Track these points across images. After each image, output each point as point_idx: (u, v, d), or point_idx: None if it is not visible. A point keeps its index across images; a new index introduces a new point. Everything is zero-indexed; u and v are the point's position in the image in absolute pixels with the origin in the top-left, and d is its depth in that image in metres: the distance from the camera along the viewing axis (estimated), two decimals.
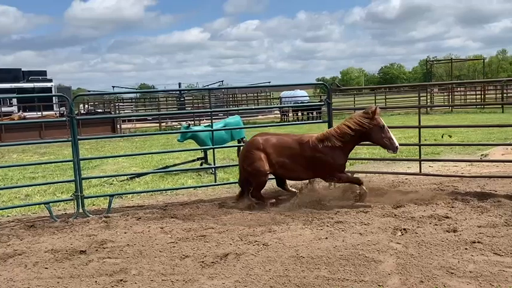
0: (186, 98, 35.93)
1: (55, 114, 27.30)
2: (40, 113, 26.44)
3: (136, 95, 47.99)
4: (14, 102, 30.95)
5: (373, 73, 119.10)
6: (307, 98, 34.12)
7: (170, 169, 9.89)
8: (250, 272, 4.28)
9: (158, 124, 26.92)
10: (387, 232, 5.25)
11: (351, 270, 4.21)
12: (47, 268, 4.66)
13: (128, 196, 7.94)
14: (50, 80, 34.63)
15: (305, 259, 4.51)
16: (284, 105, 30.22)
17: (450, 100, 32.32)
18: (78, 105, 31.81)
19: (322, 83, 8.97)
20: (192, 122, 19.52)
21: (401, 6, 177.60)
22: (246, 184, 6.87)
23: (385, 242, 4.89)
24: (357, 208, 6.27)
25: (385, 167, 9.44)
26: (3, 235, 5.85)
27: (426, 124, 13.83)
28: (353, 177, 6.86)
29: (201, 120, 23.80)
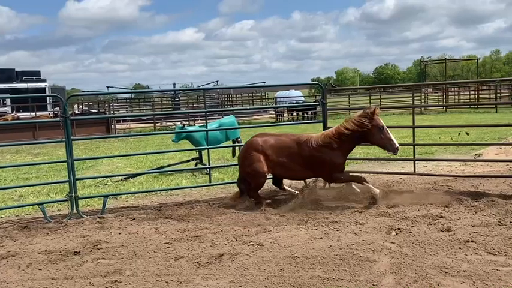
0: (180, 98, 35.91)
1: (49, 114, 27.14)
2: (34, 113, 26.31)
3: (130, 95, 47.96)
4: (8, 102, 30.73)
5: (367, 73, 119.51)
6: (302, 98, 34.19)
7: (165, 169, 9.87)
8: (245, 272, 4.28)
9: (153, 124, 26.86)
10: (382, 232, 5.26)
11: (346, 270, 4.21)
12: (40, 269, 4.63)
13: (123, 197, 7.92)
14: (44, 80, 34.42)
15: (300, 259, 4.52)
16: (279, 106, 30.25)
17: (444, 100, 32.49)
18: (72, 106, 31.70)
19: (317, 83, 8.98)
20: (186, 122, 19.48)
21: (396, 6, 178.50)
22: (244, 184, 6.87)
23: (379, 242, 4.90)
24: (351, 208, 6.28)
25: (380, 166, 9.47)
26: None
27: (420, 124, 13.87)
28: (355, 176, 6.80)
29: (196, 120, 23.76)
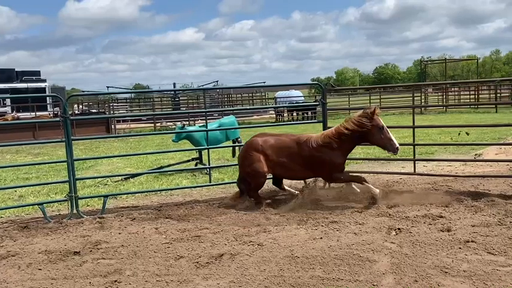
0: (180, 98, 35.91)
1: (49, 114, 27.14)
2: (34, 113, 26.31)
3: (130, 95, 47.97)
4: (8, 102, 30.73)
5: (367, 73, 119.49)
6: (302, 98, 34.19)
7: (165, 169, 9.87)
8: (245, 272, 4.28)
9: (153, 124, 26.86)
10: (382, 232, 5.26)
11: (346, 270, 4.21)
12: (40, 269, 4.63)
13: (123, 197, 7.92)
14: (44, 80, 34.42)
15: (300, 259, 4.52)
16: (279, 105, 30.25)
17: (444, 100, 32.49)
18: (72, 106, 31.71)
19: (317, 83, 8.99)
20: (186, 122, 19.48)
21: (396, 6, 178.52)
22: (244, 184, 6.87)
23: (379, 242, 4.90)
24: (351, 208, 6.29)
25: (380, 166, 9.47)
26: None
27: (420, 124, 13.87)
28: (355, 176, 6.79)
29: (196, 120, 23.77)
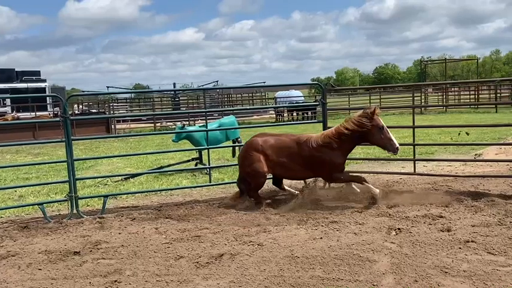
0: (180, 98, 35.90)
1: (49, 114, 27.15)
2: (34, 113, 26.31)
3: (130, 95, 47.97)
4: (8, 102, 30.73)
5: (367, 73, 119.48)
6: (302, 98, 34.19)
7: (165, 169, 9.87)
8: (245, 272, 4.28)
9: (153, 124, 26.86)
10: (382, 232, 5.26)
11: (346, 270, 4.21)
12: (40, 269, 4.63)
13: (123, 197, 7.92)
14: (44, 80, 34.43)
15: (300, 259, 4.52)
16: (279, 105, 30.25)
17: (444, 100, 32.49)
18: (72, 106, 31.70)
19: (317, 83, 8.98)
20: (186, 122, 19.49)
21: (396, 6, 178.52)
22: (244, 184, 6.87)
23: (379, 242, 4.90)
24: (351, 208, 6.28)
25: (380, 166, 9.47)
26: None
27: (420, 124, 13.87)
28: (355, 176, 6.79)
29: (196, 120, 23.77)
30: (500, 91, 30.77)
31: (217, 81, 44.43)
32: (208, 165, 8.59)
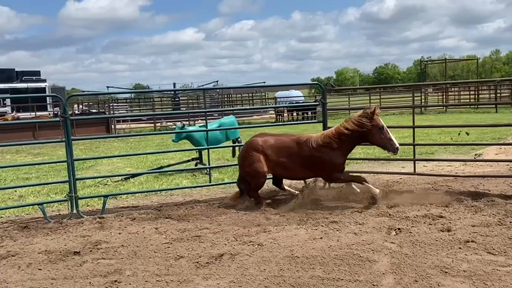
0: (180, 98, 35.91)
1: (49, 114, 27.14)
2: (34, 113, 26.31)
3: (130, 95, 48.02)
4: (8, 102, 30.72)
5: (367, 73, 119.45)
6: (302, 98, 34.18)
7: (165, 169, 9.87)
8: (245, 272, 4.28)
9: (153, 124, 26.87)
10: (382, 232, 5.26)
11: (346, 270, 4.21)
12: (40, 269, 4.64)
13: (123, 197, 7.92)
14: (44, 80, 34.41)
15: (300, 259, 4.52)
16: (279, 105, 30.25)
17: (444, 100, 32.48)
18: (72, 106, 31.70)
19: (317, 83, 8.99)
20: (186, 122, 19.49)
21: (396, 6, 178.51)
22: (244, 184, 6.87)
23: (379, 242, 4.90)
24: (351, 208, 6.28)
25: (380, 166, 9.47)
26: None
27: (420, 124, 13.87)
28: (355, 176, 6.79)
29: (196, 120, 23.77)
30: (500, 91, 30.78)
31: (217, 81, 44.46)
32: (208, 165, 8.59)
